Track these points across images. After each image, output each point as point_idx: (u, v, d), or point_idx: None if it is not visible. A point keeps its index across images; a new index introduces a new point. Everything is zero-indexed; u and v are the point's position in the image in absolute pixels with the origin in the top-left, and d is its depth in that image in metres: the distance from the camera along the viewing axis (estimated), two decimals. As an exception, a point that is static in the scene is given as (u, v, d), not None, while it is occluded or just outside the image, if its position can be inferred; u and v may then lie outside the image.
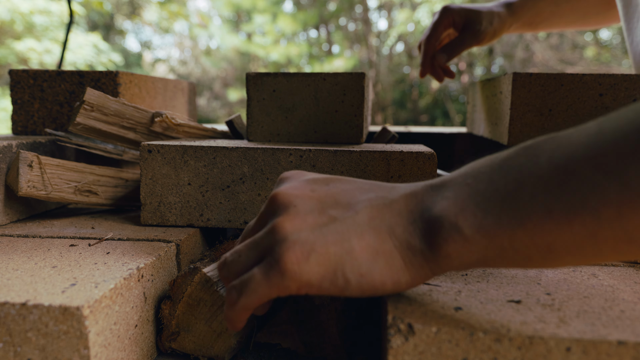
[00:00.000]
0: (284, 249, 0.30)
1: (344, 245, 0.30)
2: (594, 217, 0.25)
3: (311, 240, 0.30)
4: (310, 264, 0.30)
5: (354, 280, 0.30)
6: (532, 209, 0.26)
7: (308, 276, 0.30)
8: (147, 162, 0.55)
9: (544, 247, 0.27)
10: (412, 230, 0.30)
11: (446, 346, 0.31)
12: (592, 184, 0.24)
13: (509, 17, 0.81)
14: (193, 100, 1.01)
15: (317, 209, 0.32)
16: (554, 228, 0.26)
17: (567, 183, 0.25)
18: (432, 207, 0.30)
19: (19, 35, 5.33)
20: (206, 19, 7.34)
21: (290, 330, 0.43)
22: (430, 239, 0.29)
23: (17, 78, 0.75)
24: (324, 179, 0.35)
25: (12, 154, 0.56)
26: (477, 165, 0.30)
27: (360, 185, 0.34)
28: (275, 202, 0.33)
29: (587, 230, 0.25)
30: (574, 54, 5.40)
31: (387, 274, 0.30)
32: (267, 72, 0.66)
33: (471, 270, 0.42)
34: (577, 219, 0.25)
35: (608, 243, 0.25)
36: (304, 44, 7.39)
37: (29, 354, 0.32)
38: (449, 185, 0.30)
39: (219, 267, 0.35)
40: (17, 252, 0.44)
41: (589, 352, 0.30)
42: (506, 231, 0.27)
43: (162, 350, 0.42)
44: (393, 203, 0.32)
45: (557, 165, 0.26)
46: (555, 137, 0.28)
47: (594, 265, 0.27)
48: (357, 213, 0.31)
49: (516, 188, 0.27)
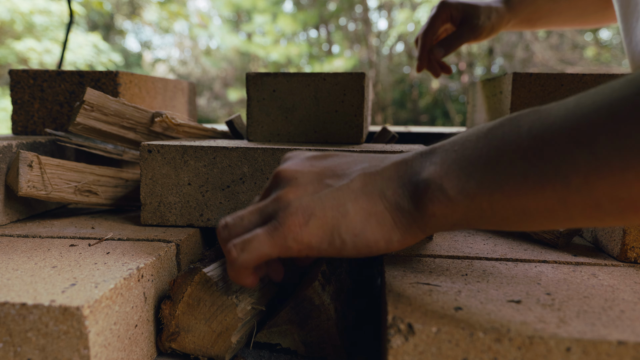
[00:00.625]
0: (288, 214, 0.33)
1: (340, 209, 0.33)
2: (564, 184, 0.26)
3: (311, 205, 0.33)
4: (310, 227, 0.33)
5: (349, 240, 0.33)
6: (510, 174, 0.28)
7: (309, 238, 0.33)
8: (147, 162, 0.55)
9: (519, 210, 0.29)
10: (402, 193, 0.33)
11: (446, 346, 0.31)
12: (565, 153, 0.26)
13: (507, 12, 0.81)
14: (193, 100, 1.01)
15: (317, 180, 0.35)
16: (528, 192, 0.28)
17: (542, 152, 0.27)
18: (421, 171, 0.33)
19: (19, 35, 5.33)
20: (206, 19, 7.34)
21: (290, 330, 0.43)
22: (418, 200, 0.32)
23: (17, 78, 0.75)
24: (322, 155, 0.39)
25: (12, 154, 0.56)
26: (465, 134, 0.33)
27: (355, 158, 0.37)
28: (278, 177, 0.37)
29: (558, 196, 0.27)
30: (574, 54, 5.40)
31: (379, 233, 0.33)
32: (267, 72, 0.66)
33: (471, 270, 0.42)
34: (548, 185, 0.27)
35: (577, 208, 0.27)
36: (304, 44, 7.39)
37: (29, 354, 0.32)
38: (438, 152, 0.33)
39: (218, 230, 0.38)
40: (17, 252, 0.44)
41: (589, 352, 0.30)
42: (485, 194, 0.29)
43: (162, 350, 0.42)
44: (384, 170, 0.34)
45: (536, 135, 0.28)
46: (537, 109, 0.30)
47: (573, 225, 0.29)
48: (351, 181, 0.34)
49: (497, 155, 0.29)
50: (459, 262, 0.45)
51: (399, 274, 0.41)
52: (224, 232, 0.37)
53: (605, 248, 0.50)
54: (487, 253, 0.48)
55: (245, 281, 0.36)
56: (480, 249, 0.49)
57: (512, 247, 0.51)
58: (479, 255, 0.47)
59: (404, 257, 0.46)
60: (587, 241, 0.54)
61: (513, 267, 0.44)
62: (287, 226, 0.33)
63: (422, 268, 0.43)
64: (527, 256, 0.47)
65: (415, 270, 0.42)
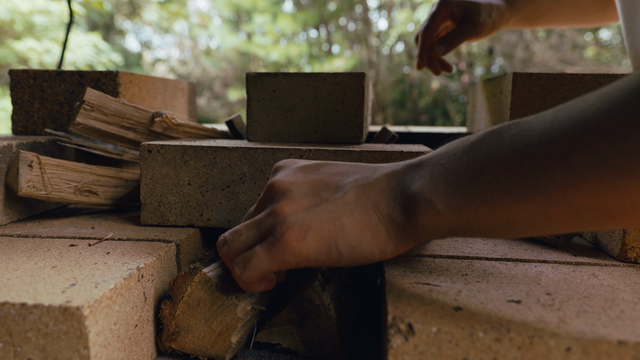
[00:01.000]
0: (284, 229, 0.34)
1: (336, 222, 0.34)
2: (545, 196, 0.28)
3: (307, 220, 0.34)
4: (308, 241, 0.34)
5: (346, 252, 0.34)
6: (494, 188, 0.30)
7: (307, 251, 0.34)
8: (147, 162, 0.55)
9: (504, 221, 0.30)
10: (394, 206, 0.34)
11: (446, 346, 0.31)
12: (544, 167, 0.27)
13: (507, 10, 0.81)
14: (193, 100, 1.01)
15: (311, 193, 0.36)
16: (512, 205, 0.29)
17: (523, 166, 0.28)
18: (411, 185, 0.34)
19: (19, 35, 5.33)
20: (206, 19, 7.34)
21: (290, 330, 0.43)
22: (409, 213, 0.33)
23: (17, 78, 0.75)
24: (314, 165, 0.39)
25: (12, 154, 0.56)
26: (452, 146, 0.34)
27: (346, 169, 0.38)
28: (272, 190, 0.37)
29: (540, 207, 0.28)
30: (574, 54, 5.40)
31: (374, 244, 0.34)
32: (267, 72, 0.66)
33: (471, 270, 0.42)
34: (530, 197, 0.28)
35: (558, 218, 0.28)
36: (304, 44, 7.39)
37: (29, 354, 0.32)
38: (425, 165, 0.34)
39: (218, 245, 0.39)
40: (17, 252, 0.44)
41: (589, 352, 0.30)
42: (472, 207, 0.31)
43: (162, 350, 0.42)
44: (377, 182, 0.35)
45: (516, 150, 0.29)
46: (518, 123, 0.31)
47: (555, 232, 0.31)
48: (345, 194, 0.35)
49: (481, 169, 0.30)
50: (459, 262, 0.45)
51: (399, 274, 0.41)
52: (224, 248, 0.38)
53: (605, 248, 0.50)
54: (487, 253, 0.48)
55: (256, 290, 0.38)
56: (480, 249, 0.49)
57: (512, 247, 0.51)
58: (479, 255, 0.47)
59: (404, 257, 0.46)
60: (587, 241, 0.54)
61: (513, 267, 0.44)
62: (284, 241, 0.34)
63: (422, 268, 0.43)
64: (527, 256, 0.47)
65: (415, 270, 0.42)
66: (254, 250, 0.36)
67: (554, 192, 0.27)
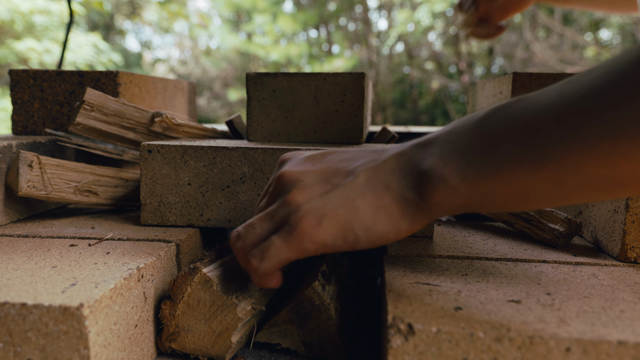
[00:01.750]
0: (300, 217, 0.34)
1: (350, 206, 0.34)
2: (558, 166, 0.28)
3: (321, 206, 0.34)
4: (324, 227, 0.34)
5: (362, 235, 0.34)
6: (507, 160, 0.30)
7: (324, 237, 0.34)
8: (147, 162, 0.55)
9: (517, 193, 0.30)
10: (405, 184, 0.34)
11: (446, 346, 0.31)
12: (556, 138, 0.28)
13: None
14: (193, 100, 1.01)
15: (322, 180, 0.36)
16: (525, 176, 0.29)
17: (534, 138, 0.29)
18: (421, 162, 0.34)
19: (19, 35, 5.33)
20: (206, 19, 7.33)
21: (290, 330, 0.43)
22: (422, 190, 0.33)
23: (17, 78, 0.75)
24: (321, 154, 0.39)
25: (12, 154, 0.56)
26: (457, 124, 0.34)
27: (353, 155, 0.38)
28: (282, 181, 0.37)
29: (553, 178, 0.29)
30: (574, 54, 5.40)
31: (388, 224, 0.34)
32: (267, 72, 0.66)
33: (471, 270, 0.42)
34: (543, 168, 0.29)
35: (571, 188, 0.29)
36: (304, 44, 7.39)
37: (29, 354, 0.32)
38: (434, 143, 0.34)
39: (231, 241, 0.38)
40: (17, 252, 0.44)
41: (589, 352, 0.30)
42: (485, 180, 0.31)
43: (162, 350, 0.42)
44: (385, 163, 0.35)
45: (526, 123, 0.30)
46: (524, 98, 0.31)
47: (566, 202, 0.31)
48: (356, 177, 0.35)
49: (493, 143, 0.31)
50: (459, 262, 0.45)
51: (399, 274, 0.41)
52: (238, 243, 0.38)
53: (605, 248, 0.50)
54: (487, 253, 0.48)
55: (270, 284, 0.37)
56: (480, 249, 0.49)
57: (512, 247, 0.51)
58: (479, 255, 0.47)
59: (404, 257, 0.46)
60: (587, 241, 0.54)
61: (513, 267, 0.44)
62: (301, 229, 0.34)
63: (422, 268, 0.43)
64: (527, 256, 0.47)
65: (415, 270, 0.42)
66: (271, 240, 0.35)
67: (567, 162, 0.28)
